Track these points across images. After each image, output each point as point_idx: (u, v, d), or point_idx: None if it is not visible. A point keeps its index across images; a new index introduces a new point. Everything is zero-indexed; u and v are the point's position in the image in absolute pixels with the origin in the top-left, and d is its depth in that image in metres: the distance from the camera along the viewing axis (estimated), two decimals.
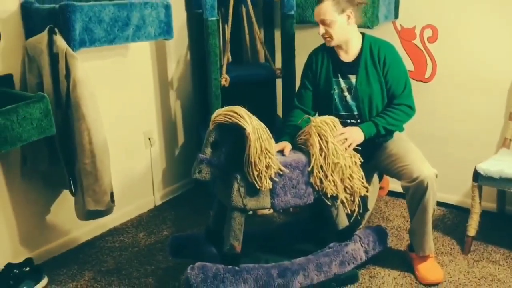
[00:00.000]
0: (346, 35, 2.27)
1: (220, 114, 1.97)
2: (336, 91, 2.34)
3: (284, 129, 2.40)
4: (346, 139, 2.14)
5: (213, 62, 2.65)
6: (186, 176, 3.21)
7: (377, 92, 2.28)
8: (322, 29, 2.23)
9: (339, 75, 2.33)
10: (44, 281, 2.28)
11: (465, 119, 2.77)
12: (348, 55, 2.32)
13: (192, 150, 3.22)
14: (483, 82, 2.67)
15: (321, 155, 2.10)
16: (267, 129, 2.03)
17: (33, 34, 2.16)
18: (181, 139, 3.21)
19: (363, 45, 2.30)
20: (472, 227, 2.40)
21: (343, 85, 2.33)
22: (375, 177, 2.58)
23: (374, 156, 2.34)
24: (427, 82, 2.84)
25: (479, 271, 2.29)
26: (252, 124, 1.96)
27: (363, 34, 2.33)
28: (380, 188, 2.99)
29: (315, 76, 2.39)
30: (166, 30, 2.48)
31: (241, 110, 1.98)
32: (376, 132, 2.25)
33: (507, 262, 2.36)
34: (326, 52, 2.37)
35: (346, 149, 2.13)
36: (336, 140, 2.11)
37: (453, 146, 2.84)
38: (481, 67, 2.66)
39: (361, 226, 2.59)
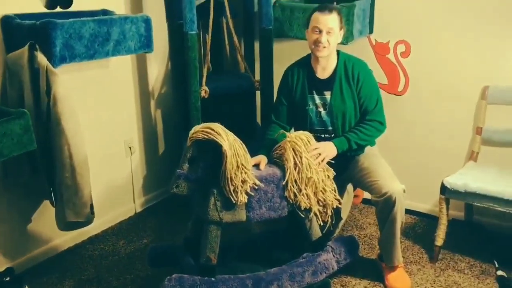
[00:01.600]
0: (334, 50, 2.36)
1: (198, 131, 2.04)
2: (311, 107, 2.42)
3: (261, 142, 2.47)
4: (319, 154, 2.23)
5: (192, 74, 2.71)
6: (166, 183, 3.24)
7: (350, 108, 2.37)
8: (324, 37, 2.27)
9: (314, 91, 2.41)
10: None
11: (436, 131, 2.88)
12: (324, 72, 2.40)
13: (172, 157, 3.28)
14: (453, 96, 2.78)
15: (295, 169, 2.19)
16: (243, 144, 2.11)
17: (14, 49, 2.20)
18: (161, 147, 3.27)
19: (338, 62, 2.39)
20: (440, 237, 2.51)
21: (318, 101, 2.41)
22: (350, 186, 2.67)
23: (346, 169, 2.44)
24: (400, 95, 2.94)
25: (445, 280, 2.41)
26: (228, 141, 2.03)
27: (338, 51, 2.41)
28: (355, 196, 3.09)
29: (291, 92, 2.47)
30: (146, 44, 2.53)
31: (218, 127, 2.05)
32: (348, 147, 2.34)
33: (471, 270, 2.47)
34: (302, 69, 2.45)
35: (319, 163, 2.22)
36: (310, 155, 2.20)
37: (424, 157, 2.95)
38: (451, 81, 2.77)
39: (334, 235, 2.69)
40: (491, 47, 2.63)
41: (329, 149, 2.28)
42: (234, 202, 2.07)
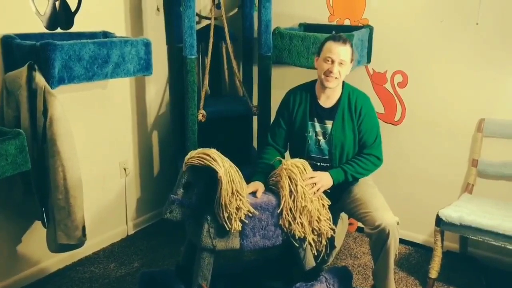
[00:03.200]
0: (342, 81, 2.36)
1: (193, 156, 2.03)
2: (310, 134, 2.41)
3: (257, 166, 2.46)
4: (315, 184, 2.22)
5: (191, 98, 2.71)
6: (159, 206, 3.23)
7: (349, 140, 2.37)
8: (336, 68, 2.26)
9: (315, 118, 2.41)
10: None
11: (432, 162, 2.88)
12: (328, 100, 2.39)
13: (167, 180, 3.27)
14: (449, 127, 2.79)
15: (290, 197, 2.17)
16: (239, 171, 2.09)
17: (13, 68, 2.20)
18: (156, 169, 3.26)
19: (342, 93, 2.39)
20: (434, 270, 2.49)
21: (318, 129, 2.41)
22: (344, 215, 2.66)
23: (340, 199, 2.42)
24: (396, 125, 2.95)
25: None
26: (224, 167, 2.02)
27: (343, 82, 2.41)
28: (350, 224, 3.08)
29: (291, 116, 2.46)
30: (145, 67, 2.53)
31: (213, 153, 2.04)
32: (344, 179, 2.34)
33: None
34: (305, 94, 2.44)
35: (314, 193, 2.20)
36: (306, 183, 2.18)
37: (420, 188, 2.95)
38: (447, 113, 2.79)
39: (328, 264, 2.67)
40: (488, 80, 2.65)
41: (325, 179, 2.27)
42: (228, 229, 2.05)
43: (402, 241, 2.75)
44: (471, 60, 2.68)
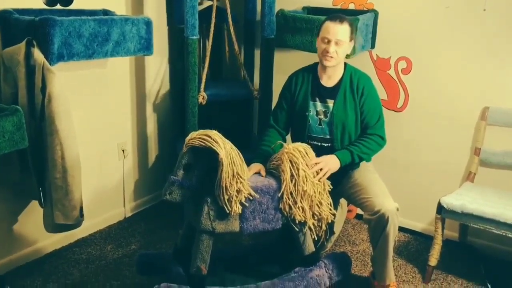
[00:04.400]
0: (342, 60, 2.33)
1: (194, 137, 1.99)
2: (311, 113, 2.38)
3: (258, 149, 2.43)
4: (321, 169, 2.19)
5: (191, 80, 2.67)
6: (158, 189, 3.21)
7: (351, 120, 2.34)
8: (332, 47, 2.24)
9: (317, 98, 2.38)
10: None
11: (433, 149, 2.86)
12: (330, 80, 2.37)
13: (166, 163, 3.23)
14: (452, 115, 2.76)
15: (291, 181, 2.14)
16: (240, 154, 2.06)
17: (11, 44, 2.15)
18: (155, 152, 3.22)
19: (344, 73, 2.37)
20: (434, 257, 2.48)
21: (319, 108, 2.38)
22: (343, 201, 2.64)
23: (340, 184, 2.40)
24: (399, 111, 2.92)
25: None
26: (225, 149, 1.99)
27: (345, 64, 2.39)
28: (348, 211, 3.06)
29: (293, 97, 2.43)
30: (146, 46, 2.49)
31: (215, 134, 2.01)
32: (351, 160, 2.31)
33: None
34: (307, 75, 2.41)
35: (320, 179, 2.17)
36: (312, 170, 2.15)
37: (420, 175, 2.92)
38: (451, 100, 2.76)
39: (326, 249, 2.65)
40: (493, 68, 2.62)
41: (332, 163, 2.24)
42: (228, 212, 2.02)
43: (401, 229, 2.73)
44: (477, 47, 2.64)
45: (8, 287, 2.27)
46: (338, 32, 2.24)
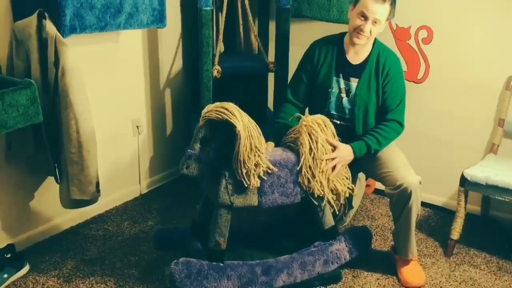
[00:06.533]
0: (373, 38, 2.23)
1: (211, 110, 1.95)
2: (334, 90, 2.29)
3: (273, 125, 2.37)
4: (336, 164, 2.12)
5: (205, 53, 2.61)
6: (173, 165, 3.19)
7: (373, 102, 2.26)
8: (368, 26, 2.12)
9: (341, 74, 2.28)
10: (26, 268, 2.25)
11: (455, 122, 2.78)
12: (357, 57, 2.26)
13: (180, 139, 3.20)
14: (475, 86, 2.67)
15: (310, 154, 2.09)
16: (257, 127, 2.01)
17: (22, 17, 2.10)
18: (169, 128, 3.18)
19: (372, 51, 2.26)
20: (456, 231, 2.43)
21: (342, 86, 2.28)
22: (362, 175, 2.58)
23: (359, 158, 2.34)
24: (419, 83, 2.84)
25: (460, 275, 2.33)
26: (242, 122, 1.94)
27: (374, 39, 2.27)
28: (367, 186, 3.01)
29: (314, 70, 2.32)
30: (159, 18, 2.44)
31: (232, 107, 1.96)
32: (366, 152, 2.24)
33: (487, 266, 2.39)
34: (332, 47, 2.30)
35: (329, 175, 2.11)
36: (327, 167, 2.09)
37: (441, 148, 2.85)
38: (473, 71, 2.66)
39: (345, 224, 2.62)
40: None
41: (346, 154, 2.16)
42: (246, 186, 1.98)
43: (421, 203, 2.67)
44: (501, 14, 2.53)
45: (27, 263, 2.27)
46: (378, 11, 2.11)
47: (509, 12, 2.51)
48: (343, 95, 2.29)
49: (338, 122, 2.32)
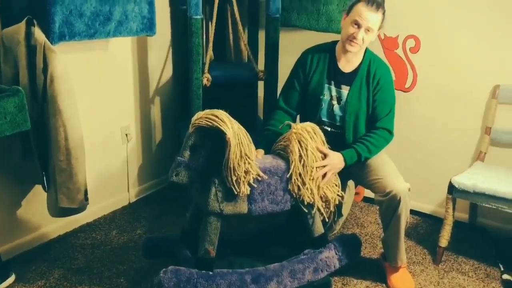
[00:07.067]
0: (365, 47, 2.25)
1: (201, 117, 1.94)
2: (325, 97, 2.31)
3: (264, 132, 2.38)
4: (326, 172, 2.13)
5: (195, 61, 2.61)
6: (162, 173, 3.17)
7: (363, 110, 2.27)
8: (361, 34, 2.14)
9: (332, 82, 2.29)
10: (11, 278, 2.21)
11: (443, 129, 2.81)
12: (348, 65, 2.28)
13: (170, 147, 3.19)
14: (462, 94, 2.71)
15: (300, 162, 2.10)
16: (247, 134, 2.01)
17: (10, 23, 2.09)
18: (158, 136, 3.17)
19: (363, 60, 2.27)
20: (444, 238, 2.44)
21: (334, 93, 2.30)
22: (351, 183, 2.60)
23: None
24: (407, 91, 2.87)
25: (449, 282, 2.34)
26: (233, 129, 1.94)
27: (365, 48, 2.29)
28: (356, 193, 3.03)
29: (307, 77, 2.33)
30: (148, 26, 2.44)
31: (222, 114, 1.96)
32: (357, 160, 2.25)
33: (475, 273, 2.41)
34: (324, 55, 2.31)
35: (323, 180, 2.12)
36: (317, 175, 2.10)
37: (429, 156, 2.88)
38: (460, 80, 2.70)
39: (335, 232, 2.62)
40: (504, 45, 2.56)
41: (337, 162, 2.17)
42: (236, 193, 1.97)
43: (410, 211, 2.69)
44: (487, 24, 2.58)
45: (13, 272, 2.23)
46: (371, 19, 2.13)
47: (494, 22, 2.56)
48: (334, 102, 2.30)
49: (329, 129, 2.34)
